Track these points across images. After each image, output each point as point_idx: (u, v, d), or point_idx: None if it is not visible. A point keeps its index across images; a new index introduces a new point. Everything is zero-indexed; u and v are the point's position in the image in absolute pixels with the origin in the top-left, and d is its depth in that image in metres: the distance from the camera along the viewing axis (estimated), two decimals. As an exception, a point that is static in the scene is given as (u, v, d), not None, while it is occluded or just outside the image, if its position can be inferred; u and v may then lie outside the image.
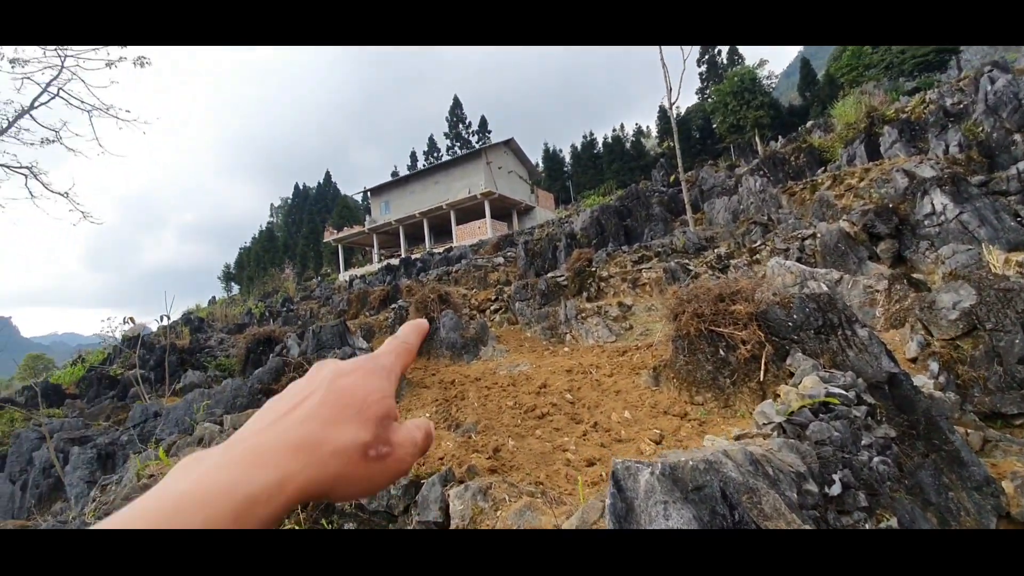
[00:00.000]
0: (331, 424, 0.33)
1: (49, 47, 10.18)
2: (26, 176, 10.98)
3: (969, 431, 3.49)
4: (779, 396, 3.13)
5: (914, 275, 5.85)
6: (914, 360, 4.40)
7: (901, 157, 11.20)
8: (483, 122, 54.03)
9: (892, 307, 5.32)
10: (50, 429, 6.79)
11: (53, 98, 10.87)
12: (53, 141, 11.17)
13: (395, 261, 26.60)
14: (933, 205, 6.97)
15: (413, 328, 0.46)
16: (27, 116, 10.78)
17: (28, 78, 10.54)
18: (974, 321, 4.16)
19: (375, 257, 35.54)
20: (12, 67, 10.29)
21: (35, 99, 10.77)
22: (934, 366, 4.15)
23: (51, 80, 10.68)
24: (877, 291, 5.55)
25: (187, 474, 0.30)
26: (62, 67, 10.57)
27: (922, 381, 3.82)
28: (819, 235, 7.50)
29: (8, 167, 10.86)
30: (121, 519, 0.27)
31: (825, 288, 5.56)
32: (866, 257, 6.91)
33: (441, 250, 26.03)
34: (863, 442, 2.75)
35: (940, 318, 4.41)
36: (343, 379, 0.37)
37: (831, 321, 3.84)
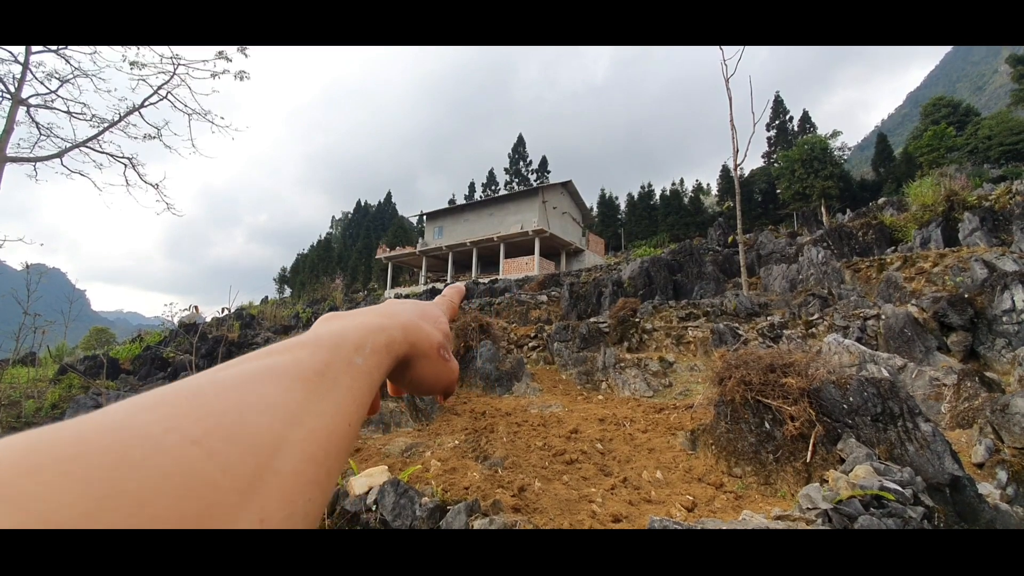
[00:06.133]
0: (421, 319, 0.41)
1: (167, 56, 11.29)
2: (125, 166, 12.06)
3: (1041, 554, 3.16)
4: (827, 481, 2.96)
5: (987, 373, 5.44)
6: (980, 465, 4.06)
7: (981, 246, 10.59)
8: (543, 162, 55.18)
9: (960, 405, 4.96)
10: (108, 399, 7.21)
11: (161, 100, 11.97)
12: (154, 138, 12.26)
13: (440, 285, 27.08)
14: (1013, 301, 6.52)
15: (455, 289, 0.55)
16: (136, 113, 11.91)
17: (143, 80, 11.70)
18: (1053, 433, 3.83)
19: (422, 279, 36.35)
20: (131, 69, 11.47)
21: (146, 99, 11.88)
22: (1002, 475, 3.82)
23: (162, 84, 11.81)
24: (945, 385, 5.19)
25: (332, 322, 0.35)
26: (174, 73, 11.69)
27: (987, 490, 3.51)
28: (884, 317, 7.14)
29: (112, 156, 11.98)
30: (318, 337, 0.31)
31: (887, 374, 5.26)
32: (934, 347, 6.50)
33: (487, 280, 26.34)
34: (917, 546, 2.55)
35: (1013, 424, 4.08)
36: (419, 303, 0.45)
37: (891, 410, 3.62)
